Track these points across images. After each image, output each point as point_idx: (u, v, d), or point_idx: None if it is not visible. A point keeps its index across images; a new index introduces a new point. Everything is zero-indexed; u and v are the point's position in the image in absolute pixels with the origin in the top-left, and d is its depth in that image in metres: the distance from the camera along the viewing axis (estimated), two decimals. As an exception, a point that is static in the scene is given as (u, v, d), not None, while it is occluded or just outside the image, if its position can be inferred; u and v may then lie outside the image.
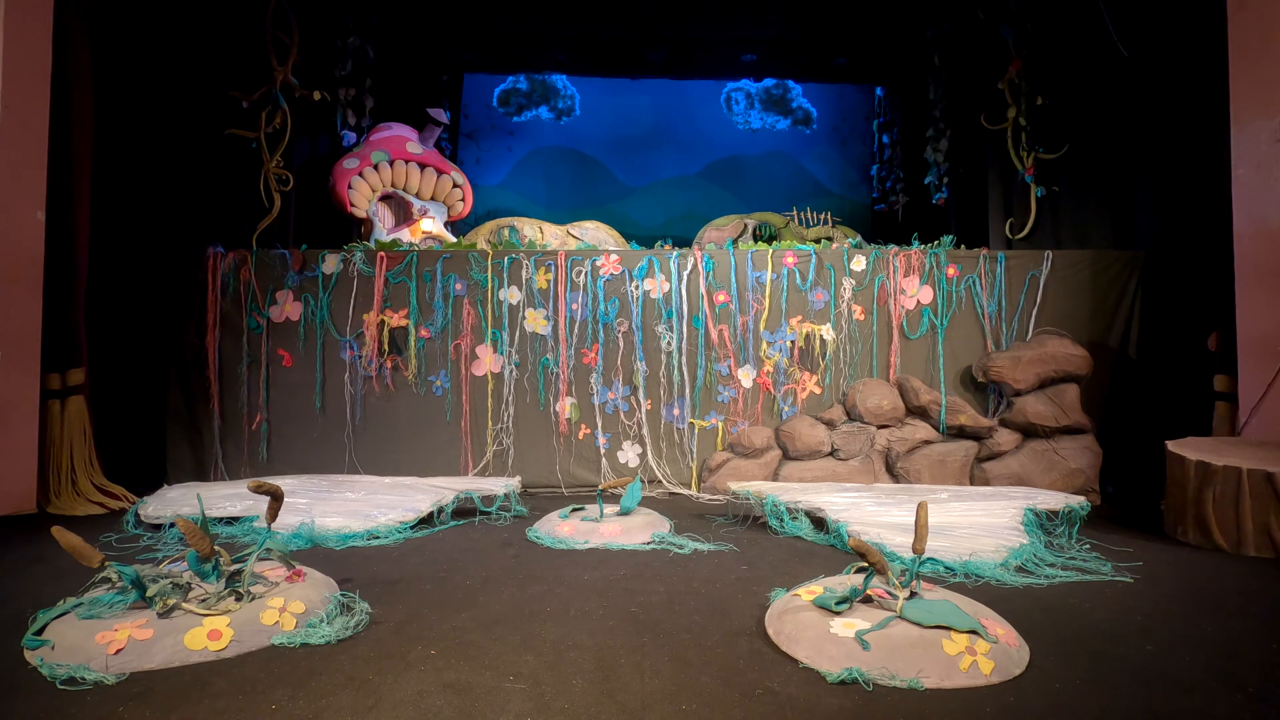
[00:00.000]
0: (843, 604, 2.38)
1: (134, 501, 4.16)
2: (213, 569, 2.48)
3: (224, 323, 4.87)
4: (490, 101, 8.16)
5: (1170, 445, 3.85)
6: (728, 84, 8.27)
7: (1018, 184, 5.63)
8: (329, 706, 1.95)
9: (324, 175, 5.78)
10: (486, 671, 2.15)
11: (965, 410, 4.71)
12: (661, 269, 4.97)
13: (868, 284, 4.97)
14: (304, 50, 5.60)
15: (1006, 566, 3.08)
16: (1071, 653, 2.30)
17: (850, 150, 8.26)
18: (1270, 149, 3.97)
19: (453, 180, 6.13)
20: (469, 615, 2.60)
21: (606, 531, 3.60)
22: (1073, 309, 4.92)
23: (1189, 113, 4.75)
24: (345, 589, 2.76)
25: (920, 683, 2.06)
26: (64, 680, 2.07)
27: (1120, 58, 5.06)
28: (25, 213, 4.04)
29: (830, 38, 7.30)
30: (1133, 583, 2.98)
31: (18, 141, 3.98)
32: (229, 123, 5.36)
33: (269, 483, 2.73)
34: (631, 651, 2.31)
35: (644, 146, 8.19)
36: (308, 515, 3.69)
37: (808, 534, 3.70)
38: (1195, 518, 3.57)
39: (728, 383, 4.95)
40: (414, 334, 4.90)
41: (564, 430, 4.93)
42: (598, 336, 4.94)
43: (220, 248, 4.92)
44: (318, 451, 4.87)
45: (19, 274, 4.02)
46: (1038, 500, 3.84)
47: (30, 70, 4.02)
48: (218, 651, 2.24)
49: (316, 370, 4.88)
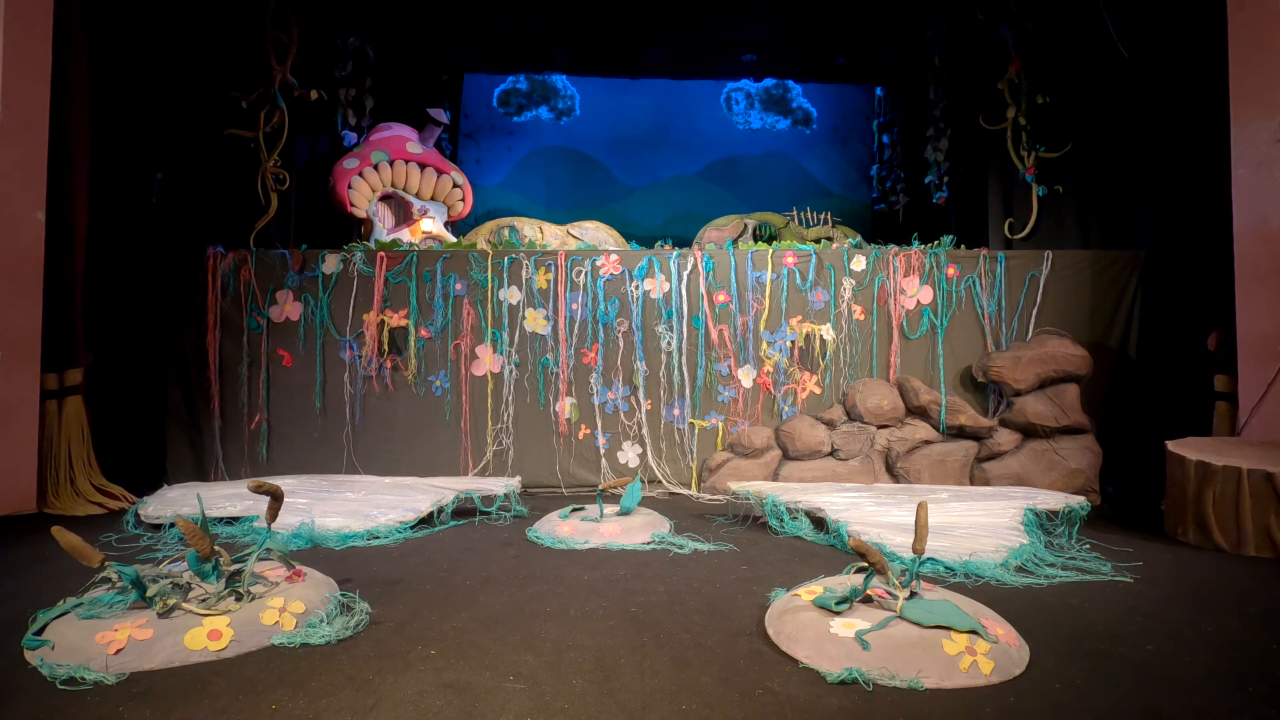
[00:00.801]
0: (843, 604, 2.38)
1: (133, 502, 4.16)
2: (213, 569, 2.47)
3: (224, 323, 4.87)
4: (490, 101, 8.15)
5: (1170, 445, 3.85)
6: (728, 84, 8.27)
7: (1018, 184, 5.63)
8: (329, 706, 1.95)
9: (324, 175, 5.78)
10: (486, 671, 2.15)
11: (965, 410, 4.70)
12: (661, 269, 4.97)
13: (868, 284, 4.97)
14: (304, 50, 5.60)
15: (1006, 566, 3.08)
16: (1071, 653, 2.30)
17: (850, 150, 8.26)
18: (1270, 149, 3.97)
19: (453, 180, 6.13)
20: (469, 615, 2.60)
21: (606, 531, 3.60)
22: (1073, 309, 4.92)
23: (1189, 113, 4.75)
24: (345, 589, 2.76)
25: (920, 683, 2.06)
26: (64, 680, 2.07)
27: (1120, 57, 5.06)
28: (25, 213, 4.04)
29: (830, 38, 7.31)
30: (1133, 583, 2.98)
31: (18, 141, 3.98)
32: (229, 122, 5.36)
33: (269, 483, 2.73)
34: (631, 651, 2.31)
35: (644, 146, 8.19)
36: (308, 515, 3.69)
37: (808, 534, 3.70)
38: (1195, 518, 3.57)
39: (728, 383, 4.95)
40: (414, 334, 4.90)
41: (564, 430, 4.93)
42: (598, 336, 4.94)
43: (220, 248, 4.92)
44: (318, 451, 4.87)
45: (19, 274, 4.02)
46: (1038, 500, 3.84)
47: (30, 70, 4.02)
48: (218, 651, 2.24)
49: (316, 370, 4.88)
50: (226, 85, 5.33)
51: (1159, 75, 5.00)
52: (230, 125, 5.36)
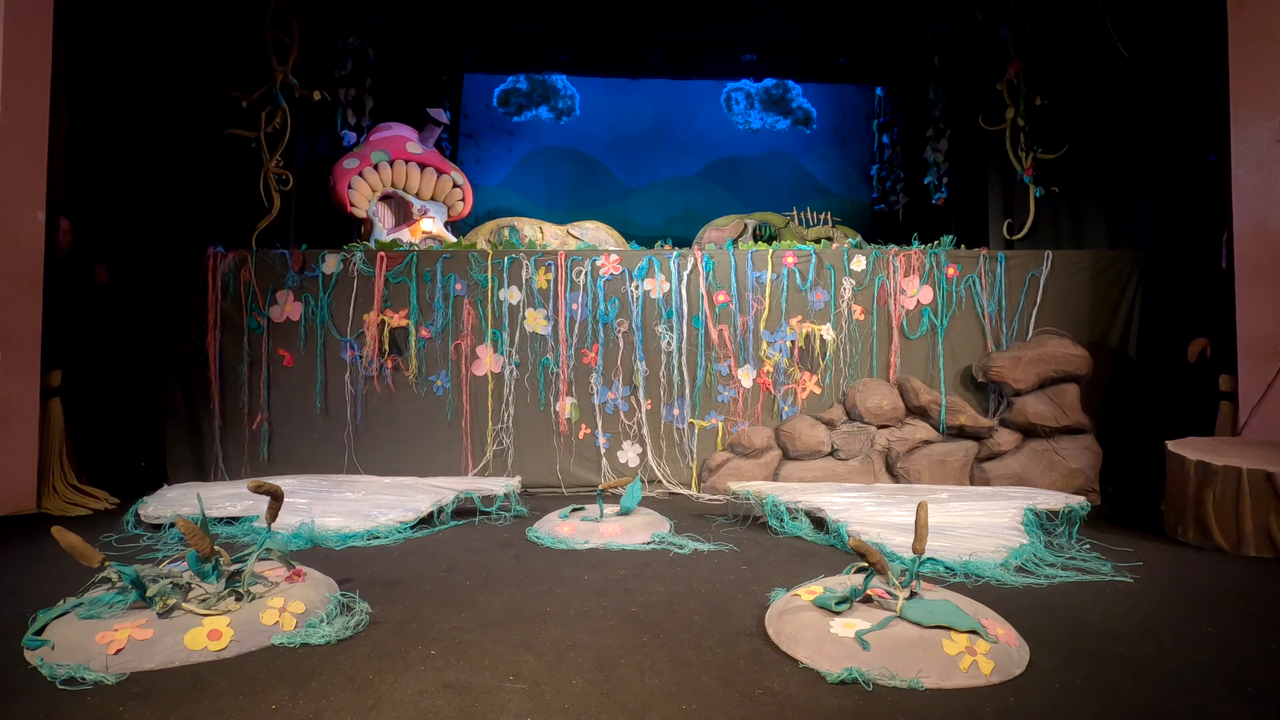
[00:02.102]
0: (843, 604, 2.38)
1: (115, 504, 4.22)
2: (213, 569, 2.48)
3: (224, 323, 4.87)
4: (490, 101, 8.16)
5: (1170, 445, 3.85)
6: (728, 84, 8.27)
7: (1018, 184, 5.63)
8: (329, 706, 1.95)
9: (324, 175, 5.78)
10: (486, 671, 2.15)
11: (965, 410, 4.70)
12: (661, 269, 4.97)
13: (868, 284, 4.97)
14: (304, 50, 5.60)
15: (1006, 566, 3.08)
16: (1071, 653, 2.30)
17: (850, 150, 8.26)
18: (1270, 149, 3.97)
19: (453, 180, 6.13)
20: (469, 615, 2.60)
21: (606, 531, 3.60)
22: (1073, 309, 4.91)
23: (1189, 113, 4.75)
24: (345, 589, 2.76)
25: (920, 683, 2.06)
26: (64, 680, 2.07)
27: (1120, 58, 5.06)
28: (25, 213, 4.04)
29: (830, 38, 7.31)
30: (1133, 583, 2.98)
31: (18, 141, 3.98)
32: (229, 123, 5.36)
33: (269, 483, 2.73)
34: (631, 651, 2.31)
35: (644, 146, 8.19)
36: (308, 515, 3.69)
37: (808, 534, 3.70)
38: (1195, 518, 3.57)
39: (728, 383, 4.95)
40: (414, 334, 4.90)
41: (564, 430, 4.93)
42: (598, 336, 4.94)
43: (220, 248, 4.92)
44: (318, 451, 4.87)
45: (19, 274, 4.02)
46: (1038, 500, 3.84)
47: (30, 70, 4.02)
48: (218, 651, 2.24)
49: (317, 370, 4.88)
50: (227, 85, 5.33)
51: (1159, 75, 5.00)
52: (231, 125, 5.36)
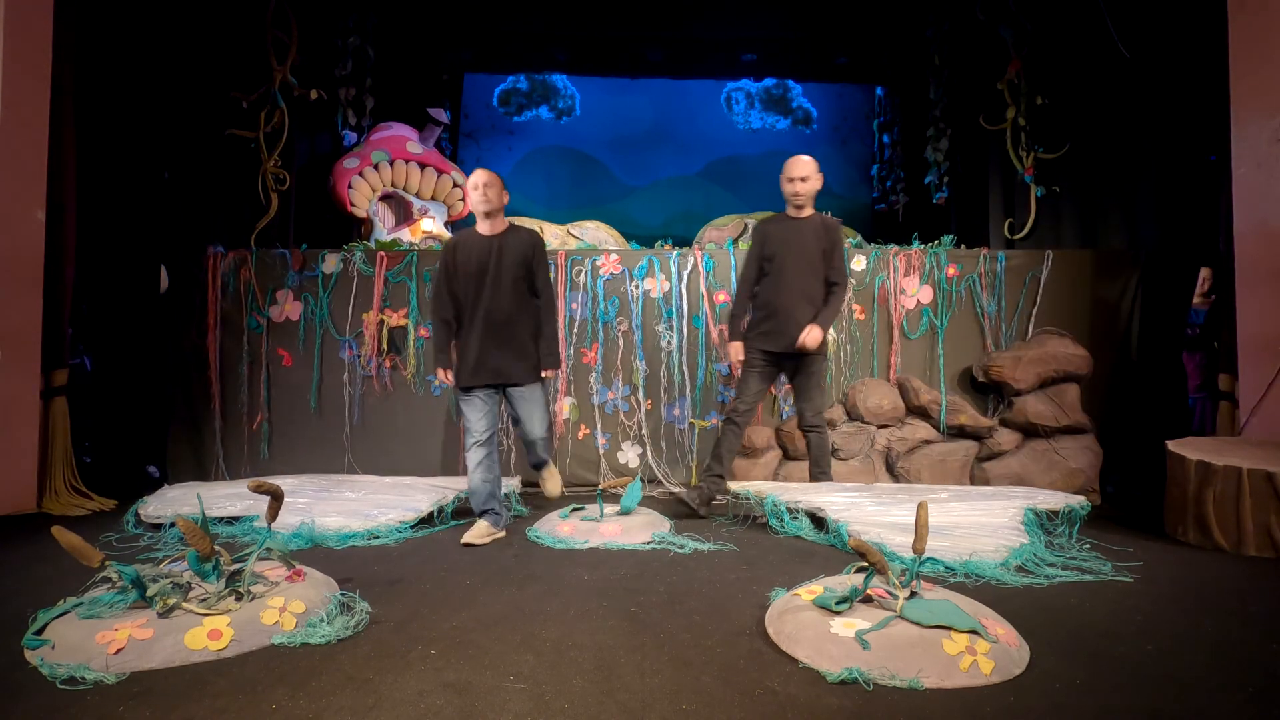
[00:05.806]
0: (843, 604, 2.38)
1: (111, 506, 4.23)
2: (213, 569, 2.47)
3: (224, 322, 4.87)
4: (490, 101, 8.16)
5: (1170, 445, 3.84)
6: (728, 84, 8.28)
7: (1018, 184, 5.63)
8: (329, 706, 1.95)
9: (324, 175, 5.79)
10: (486, 671, 2.15)
11: (965, 410, 4.70)
12: (661, 268, 4.97)
13: (868, 284, 4.97)
14: (304, 50, 5.61)
15: (1006, 566, 3.07)
16: (1071, 653, 2.30)
17: (850, 150, 8.27)
18: (1270, 149, 3.96)
19: (453, 180, 6.13)
20: (469, 615, 2.60)
21: (606, 531, 3.60)
22: (1073, 309, 4.91)
23: (1189, 113, 4.75)
24: (345, 589, 2.75)
25: (920, 682, 2.06)
26: (64, 680, 2.07)
27: (1120, 57, 5.06)
28: (25, 213, 4.04)
29: (830, 37, 7.32)
30: (1133, 582, 2.98)
31: (18, 141, 3.98)
32: (229, 123, 5.36)
33: (269, 482, 2.73)
34: (631, 651, 2.30)
35: (644, 146, 8.20)
36: (308, 515, 3.69)
37: (808, 534, 3.70)
38: (1195, 517, 3.57)
39: (728, 383, 4.95)
40: (413, 334, 4.90)
41: (563, 430, 4.93)
42: (597, 336, 4.94)
43: (220, 248, 4.92)
44: (318, 451, 4.87)
45: (19, 274, 4.02)
46: (1038, 500, 3.83)
47: (30, 71, 4.02)
48: (218, 651, 2.23)
49: (316, 370, 4.88)
50: (227, 85, 5.33)
51: (1159, 75, 4.99)
52: (231, 125, 5.36)
